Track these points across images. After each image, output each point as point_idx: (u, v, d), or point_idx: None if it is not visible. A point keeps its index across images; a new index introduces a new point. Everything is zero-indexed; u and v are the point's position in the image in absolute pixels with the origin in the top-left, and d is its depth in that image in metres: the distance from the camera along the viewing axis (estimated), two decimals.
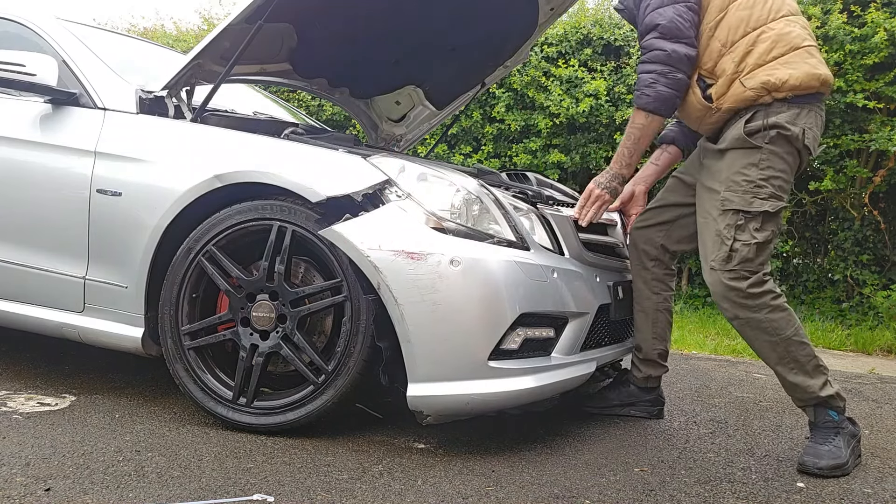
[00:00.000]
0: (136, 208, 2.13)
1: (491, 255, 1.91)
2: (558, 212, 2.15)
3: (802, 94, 2.04)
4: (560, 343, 2.07)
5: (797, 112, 2.05)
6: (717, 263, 2.07)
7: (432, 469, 1.85)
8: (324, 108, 6.25)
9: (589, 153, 5.42)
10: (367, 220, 1.91)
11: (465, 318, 1.87)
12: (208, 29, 7.34)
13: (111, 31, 3.12)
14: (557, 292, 2.03)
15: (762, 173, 2.04)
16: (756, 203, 2.03)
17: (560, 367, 2.06)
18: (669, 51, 2.07)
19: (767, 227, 2.05)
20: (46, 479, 1.62)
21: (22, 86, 2.25)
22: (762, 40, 2.06)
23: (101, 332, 2.19)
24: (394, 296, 1.86)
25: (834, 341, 4.39)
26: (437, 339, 1.87)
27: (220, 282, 2.06)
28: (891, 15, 4.61)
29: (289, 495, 1.61)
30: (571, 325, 2.09)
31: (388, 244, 1.87)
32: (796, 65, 2.04)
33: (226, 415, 2.04)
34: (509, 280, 1.90)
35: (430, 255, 1.86)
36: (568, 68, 5.32)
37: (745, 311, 2.06)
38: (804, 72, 2.04)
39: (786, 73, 2.03)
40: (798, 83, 2.03)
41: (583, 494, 1.73)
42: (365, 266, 1.89)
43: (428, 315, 1.86)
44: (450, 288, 1.85)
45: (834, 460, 1.99)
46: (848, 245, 4.93)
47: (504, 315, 1.90)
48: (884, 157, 4.82)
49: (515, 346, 1.94)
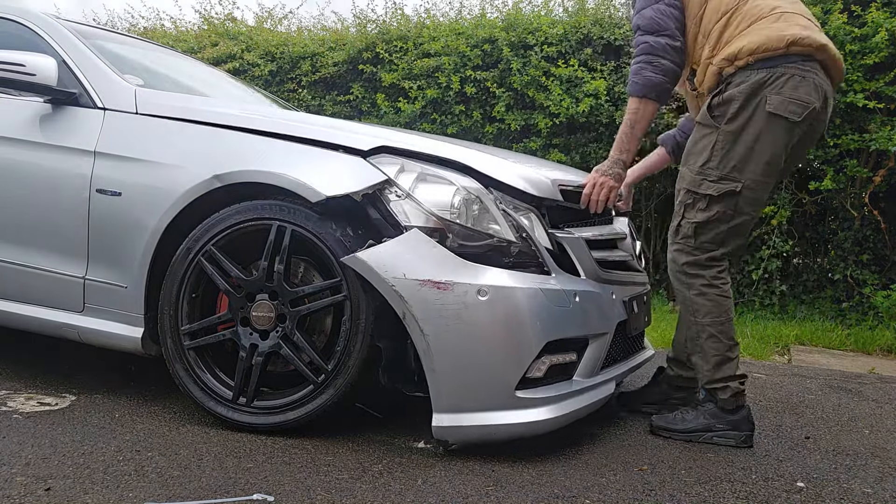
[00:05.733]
0: (135, 208, 2.13)
1: (517, 284, 1.89)
2: (570, 234, 2.11)
3: (766, 56, 2.07)
4: (581, 365, 2.05)
5: (763, 78, 2.07)
6: (670, 234, 2.27)
7: (432, 469, 1.84)
8: (324, 108, 6.26)
9: (589, 153, 5.42)
10: (389, 246, 1.89)
11: (492, 349, 1.86)
12: (208, 28, 7.33)
13: (111, 31, 3.12)
14: (580, 316, 2.01)
15: (714, 155, 2.13)
16: (704, 185, 2.14)
17: (582, 391, 2.05)
18: (652, 42, 2.20)
19: (713, 209, 2.13)
20: (46, 479, 1.62)
21: (21, 86, 2.25)
22: (731, 22, 2.15)
23: (101, 332, 2.20)
24: (419, 326, 1.84)
25: (834, 341, 4.38)
26: (464, 370, 1.85)
27: (219, 281, 2.06)
28: (891, 15, 4.60)
29: (289, 495, 1.61)
30: (592, 346, 2.07)
31: (413, 273, 1.86)
32: (757, 31, 2.10)
33: (226, 414, 2.04)
34: (535, 309, 1.89)
35: (457, 285, 1.84)
36: (568, 68, 5.32)
37: (677, 284, 2.26)
38: (764, 35, 2.08)
39: (745, 40, 2.09)
40: (755, 46, 2.07)
41: (583, 494, 1.73)
42: (389, 295, 1.86)
43: (454, 345, 1.84)
44: (477, 318, 1.84)
45: (669, 424, 2.22)
46: (848, 245, 4.93)
47: (531, 344, 1.89)
48: (884, 157, 4.82)
49: (541, 374, 1.93)
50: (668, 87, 2.22)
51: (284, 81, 6.51)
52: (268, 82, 6.48)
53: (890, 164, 4.78)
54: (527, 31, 5.57)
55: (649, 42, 2.20)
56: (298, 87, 6.45)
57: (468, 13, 6.43)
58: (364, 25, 6.51)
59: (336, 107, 6.28)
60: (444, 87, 5.69)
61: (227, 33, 7.04)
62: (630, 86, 2.24)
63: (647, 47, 2.20)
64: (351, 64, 6.21)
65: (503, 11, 6.13)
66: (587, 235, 2.17)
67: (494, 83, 5.58)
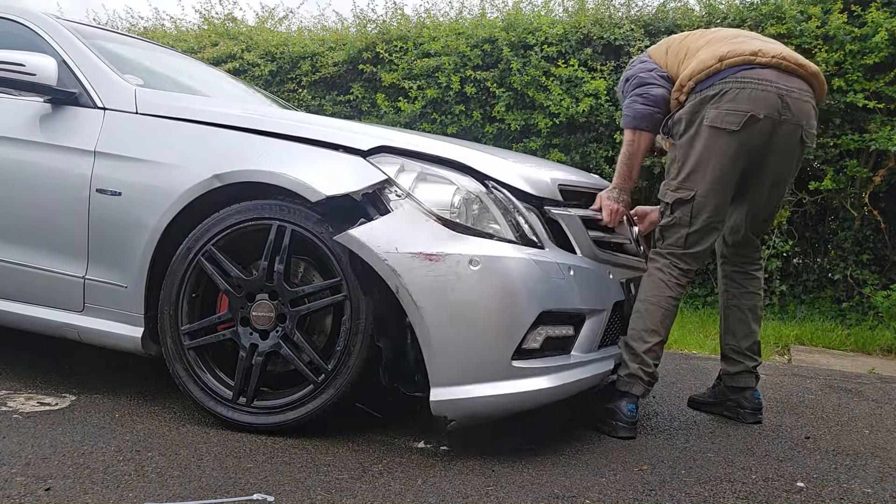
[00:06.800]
0: (135, 208, 2.13)
1: (509, 254, 1.90)
2: (566, 212, 2.15)
3: (704, 76, 2.23)
4: (579, 341, 2.06)
5: (704, 96, 2.22)
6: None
7: (432, 469, 1.84)
8: (324, 108, 6.26)
9: (589, 153, 5.42)
10: (381, 222, 1.90)
11: (486, 318, 1.86)
12: (209, 28, 7.33)
13: (111, 31, 3.12)
14: (575, 290, 2.02)
15: (673, 168, 2.31)
16: (668, 195, 2.32)
17: (580, 364, 2.06)
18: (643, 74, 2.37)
19: (674, 214, 2.31)
20: (46, 479, 1.62)
21: (22, 85, 2.25)
22: (683, 63, 2.33)
23: (101, 332, 2.19)
24: (413, 299, 1.85)
25: (834, 341, 4.38)
26: (459, 341, 1.85)
27: (219, 281, 2.06)
28: (891, 15, 4.61)
29: (289, 495, 1.61)
30: (589, 322, 2.09)
31: (404, 246, 1.86)
32: (696, 58, 2.27)
33: (226, 414, 2.04)
34: (529, 278, 1.90)
35: (449, 256, 1.85)
36: (568, 68, 5.32)
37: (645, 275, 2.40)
38: (700, 59, 2.25)
39: (688, 70, 2.27)
40: (693, 70, 2.25)
41: (583, 494, 1.73)
42: (382, 270, 1.87)
43: (448, 317, 1.84)
44: (470, 288, 1.84)
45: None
46: (848, 245, 4.93)
47: (525, 313, 1.89)
48: (884, 157, 4.82)
49: (537, 345, 1.93)
50: (659, 116, 2.34)
51: (284, 81, 6.51)
52: (268, 82, 6.48)
53: (890, 164, 4.78)
54: (527, 31, 5.56)
55: (640, 76, 2.37)
56: (298, 87, 6.45)
57: (468, 13, 6.43)
58: (364, 25, 6.50)
59: (336, 107, 6.28)
60: (444, 87, 5.69)
61: (228, 33, 7.04)
62: (623, 119, 2.40)
63: (639, 80, 2.36)
64: (351, 64, 6.21)
65: (503, 11, 6.13)
66: (583, 214, 2.21)
67: (494, 83, 5.58)
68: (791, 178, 2.40)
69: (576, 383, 2.02)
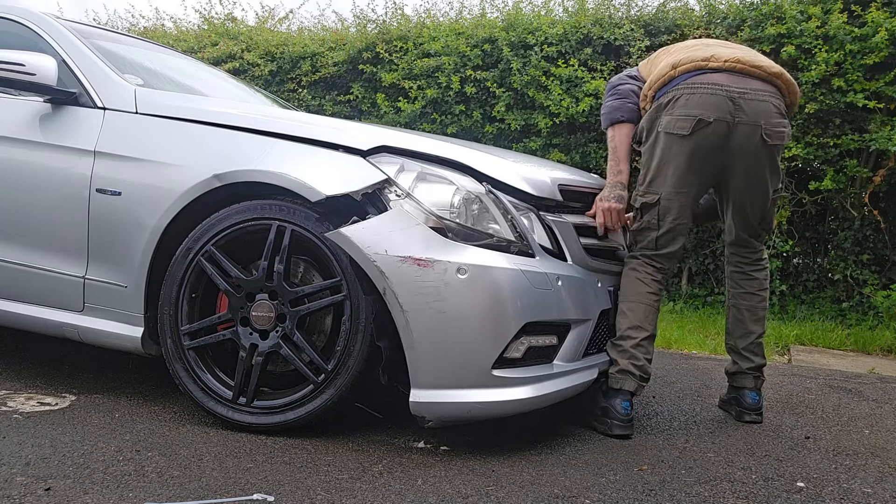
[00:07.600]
0: (135, 208, 2.13)
1: (497, 264, 1.90)
2: (560, 218, 2.14)
3: (660, 84, 2.32)
4: (562, 350, 2.07)
5: (660, 103, 2.30)
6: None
7: (432, 469, 1.84)
8: (324, 108, 6.26)
9: (589, 153, 5.42)
10: (373, 223, 1.90)
11: (470, 327, 1.86)
12: (209, 28, 7.33)
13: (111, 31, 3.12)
14: (561, 300, 2.02)
15: (641, 173, 2.40)
16: (637, 200, 2.40)
17: (562, 374, 2.06)
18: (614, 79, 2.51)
19: (643, 218, 2.37)
20: (46, 479, 1.62)
21: (21, 85, 2.25)
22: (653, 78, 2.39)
23: (101, 332, 2.19)
24: (399, 302, 1.85)
25: (834, 341, 4.38)
26: (442, 347, 1.86)
27: (219, 281, 2.06)
28: (891, 15, 4.61)
29: (289, 495, 1.61)
30: (574, 331, 2.09)
31: (394, 249, 1.87)
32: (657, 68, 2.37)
33: (226, 414, 2.04)
34: (515, 289, 1.90)
35: (437, 263, 1.85)
36: (568, 68, 5.32)
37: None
38: (658, 68, 2.36)
39: (649, 80, 2.37)
40: (652, 81, 2.35)
41: (583, 494, 1.73)
42: (370, 270, 1.88)
43: (433, 322, 1.85)
44: (456, 296, 1.85)
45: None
46: (848, 245, 4.93)
47: (509, 324, 1.89)
48: (884, 157, 4.82)
49: (519, 354, 1.93)
50: (632, 105, 2.43)
51: (284, 81, 6.51)
52: (268, 82, 6.48)
53: (890, 164, 4.78)
54: (527, 31, 5.57)
55: (612, 81, 2.52)
56: (298, 87, 6.45)
57: (468, 13, 6.44)
58: (364, 25, 6.51)
59: (336, 107, 6.28)
60: (444, 87, 5.69)
61: (228, 33, 7.04)
62: (602, 121, 2.49)
63: (610, 84, 2.50)
64: (351, 64, 6.21)
65: (503, 11, 6.13)
66: (576, 221, 2.20)
67: (494, 83, 5.58)
68: (770, 177, 2.36)
69: (556, 393, 2.02)
